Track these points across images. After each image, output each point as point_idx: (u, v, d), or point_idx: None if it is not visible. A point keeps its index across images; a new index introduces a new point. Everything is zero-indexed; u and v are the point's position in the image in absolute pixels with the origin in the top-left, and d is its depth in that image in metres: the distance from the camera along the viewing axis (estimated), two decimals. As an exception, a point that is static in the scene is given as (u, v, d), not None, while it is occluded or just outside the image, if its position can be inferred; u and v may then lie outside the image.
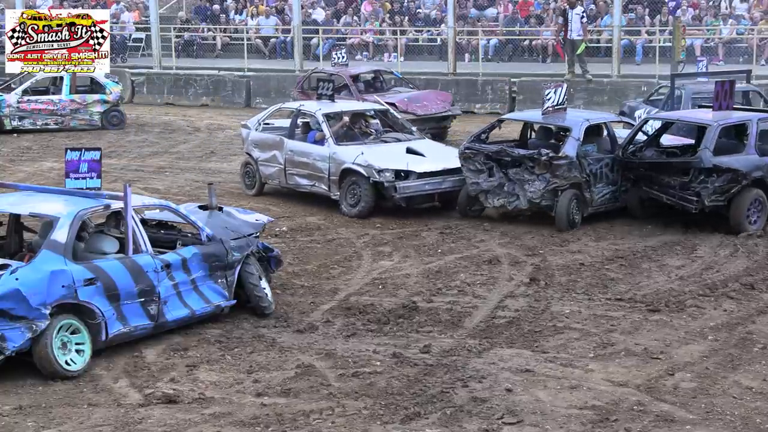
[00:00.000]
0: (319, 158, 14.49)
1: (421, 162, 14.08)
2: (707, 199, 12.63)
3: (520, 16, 28.10)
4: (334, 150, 14.34)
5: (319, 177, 14.50)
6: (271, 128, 15.87)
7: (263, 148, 15.45)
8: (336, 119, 14.97)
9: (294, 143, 14.99)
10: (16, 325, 8.24)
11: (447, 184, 14.04)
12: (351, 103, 16.83)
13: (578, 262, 11.76)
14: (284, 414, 7.76)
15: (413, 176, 13.83)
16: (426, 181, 13.93)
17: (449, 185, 14.04)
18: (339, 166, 14.18)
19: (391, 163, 13.86)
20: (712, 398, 8.00)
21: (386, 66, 24.20)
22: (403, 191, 13.76)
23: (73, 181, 9.45)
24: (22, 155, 19.26)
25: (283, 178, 15.10)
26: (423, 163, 14.05)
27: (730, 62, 24.63)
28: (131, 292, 8.97)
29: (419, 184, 13.87)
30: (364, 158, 13.97)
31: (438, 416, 7.69)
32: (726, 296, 10.52)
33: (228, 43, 30.04)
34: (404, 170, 13.80)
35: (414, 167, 13.87)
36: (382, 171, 13.76)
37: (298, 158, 14.81)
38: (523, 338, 9.40)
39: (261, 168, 15.41)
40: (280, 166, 15.08)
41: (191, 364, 8.82)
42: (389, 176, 13.73)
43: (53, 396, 8.17)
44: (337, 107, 15.48)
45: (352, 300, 10.55)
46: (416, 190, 13.87)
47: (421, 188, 13.90)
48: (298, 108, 15.55)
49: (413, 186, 13.83)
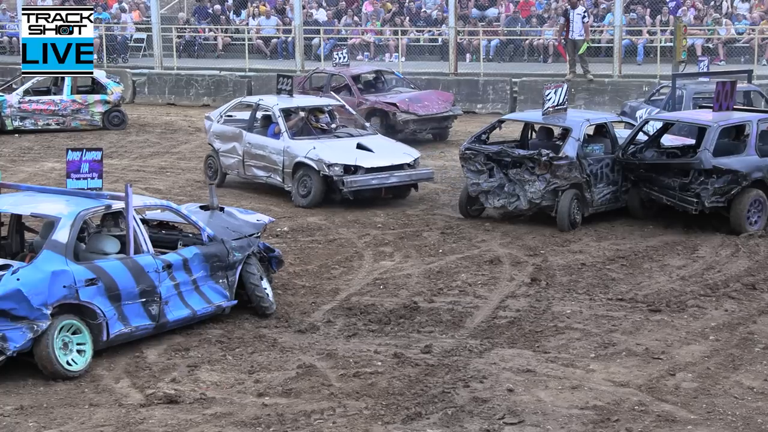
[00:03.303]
0: (274, 151, 15.15)
1: (370, 157, 14.73)
2: (707, 201, 12.62)
3: (521, 16, 28.09)
4: (288, 144, 14.98)
5: (274, 169, 15.17)
6: (232, 121, 16.44)
7: (224, 139, 16.07)
8: (293, 114, 15.62)
9: (252, 136, 15.61)
10: (18, 326, 8.24)
11: (394, 179, 14.71)
12: (308, 99, 17.37)
13: (579, 262, 11.76)
14: (285, 414, 7.76)
15: (361, 171, 14.51)
16: (373, 176, 14.57)
17: (396, 180, 14.73)
18: (292, 159, 14.84)
19: (341, 158, 14.54)
20: (713, 398, 8.00)
21: (387, 66, 24.18)
22: (351, 185, 14.40)
23: (74, 182, 9.45)
24: (23, 155, 19.26)
25: (241, 169, 15.72)
26: (371, 159, 14.70)
27: (732, 62, 24.62)
28: (132, 293, 8.97)
29: (366, 179, 14.53)
30: (315, 152, 14.62)
31: (439, 416, 7.69)
32: (727, 296, 10.52)
33: (229, 43, 30.03)
34: (353, 165, 14.48)
35: (362, 162, 14.57)
36: (332, 165, 14.42)
37: (256, 150, 15.44)
38: (524, 338, 9.40)
39: (222, 159, 16.04)
40: (239, 157, 15.72)
41: (192, 364, 8.82)
42: (338, 170, 14.41)
43: (54, 396, 8.17)
44: (294, 102, 16.05)
45: (354, 300, 10.55)
46: (363, 184, 14.52)
47: (368, 182, 14.56)
48: (257, 102, 16.19)
49: (361, 180, 14.49)
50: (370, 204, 14.88)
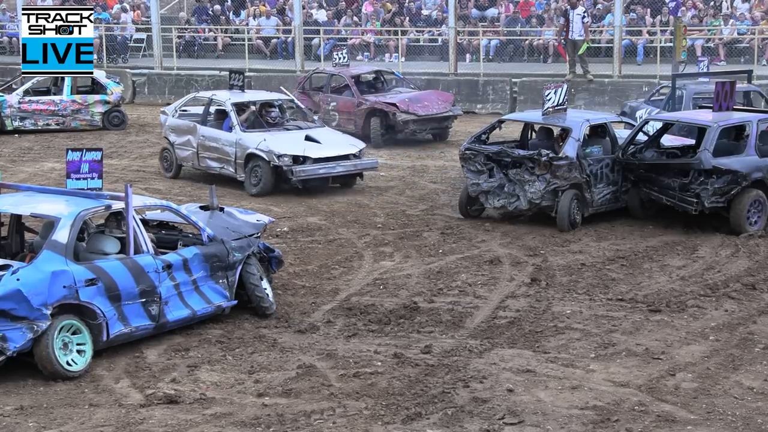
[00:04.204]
0: (227, 143, 15.94)
1: (317, 148, 15.59)
2: (707, 201, 12.62)
3: (521, 16, 28.07)
4: (240, 136, 15.80)
5: (227, 160, 15.96)
6: (186, 115, 17.22)
7: (179, 132, 16.83)
8: (245, 108, 16.33)
9: (206, 129, 16.40)
10: (18, 326, 8.24)
11: (340, 168, 15.60)
12: (259, 94, 18.37)
13: (579, 263, 11.75)
14: (285, 414, 7.76)
15: (309, 161, 15.35)
16: (321, 166, 15.41)
17: (342, 170, 15.63)
18: (244, 150, 15.65)
19: (290, 149, 15.37)
20: (713, 398, 8.00)
21: (387, 66, 24.16)
22: (300, 174, 15.23)
23: (74, 182, 9.44)
24: (23, 156, 19.24)
25: (196, 160, 16.51)
26: (318, 150, 15.57)
27: (732, 62, 24.60)
28: (132, 293, 8.97)
29: (314, 168, 15.37)
30: (266, 144, 15.43)
31: (439, 416, 7.69)
32: (727, 296, 10.52)
33: (229, 43, 30.00)
34: (301, 156, 15.30)
35: (310, 153, 15.42)
36: (281, 156, 15.25)
37: (209, 143, 16.23)
38: (524, 338, 9.39)
39: (177, 151, 16.81)
40: (193, 149, 16.50)
41: (192, 364, 8.82)
42: (287, 161, 15.24)
43: (54, 396, 8.17)
44: (246, 97, 16.86)
45: (353, 300, 10.54)
46: (311, 173, 15.37)
47: (316, 172, 15.40)
48: (210, 97, 16.95)
49: (309, 170, 15.32)
50: (369, 204, 14.89)
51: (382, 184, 16.32)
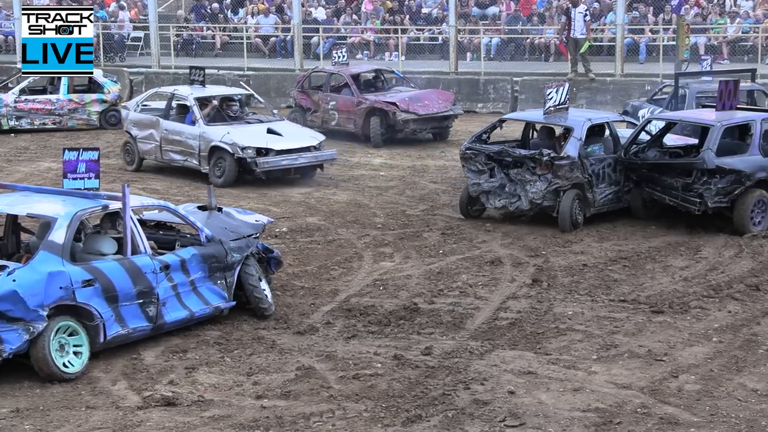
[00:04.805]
0: (191, 137, 16.50)
1: (279, 141, 16.17)
2: (710, 201, 12.56)
3: (522, 14, 28.02)
4: (204, 129, 16.37)
5: (190, 153, 16.52)
6: (148, 109, 17.69)
7: (141, 127, 17.36)
8: (206, 102, 16.88)
9: (169, 123, 16.94)
10: (13, 327, 8.20)
11: (302, 160, 16.23)
12: (219, 88, 18.99)
13: (581, 263, 11.70)
14: (284, 417, 7.72)
15: (272, 153, 15.94)
16: (283, 158, 16.03)
17: (304, 161, 16.26)
18: (208, 143, 16.22)
19: (253, 142, 15.97)
20: (716, 401, 7.96)
21: (387, 65, 24.10)
22: (263, 166, 15.83)
23: (70, 182, 9.44)
24: (19, 155, 19.19)
25: (159, 154, 17.07)
26: (281, 142, 16.15)
27: (735, 61, 24.52)
28: (129, 294, 8.93)
29: (277, 160, 15.98)
30: (230, 137, 16.01)
31: (440, 419, 7.65)
32: (731, 297, 10.47)
33: (227, 42, 29.95)
34: (264, 148, 15.89)
35: (273, 145, 16.01)
36: (245, 148, 15.85)
37: (173, 136, 16.80)
38: (525, 340, 9.35)
39: (139, 145, 17.32)
40: (156, 143, 17.04)
41: (190, 366, 8.78)
42: (251, 153, 15.83)
43: (51, 399, 8.13)
44: (207, 92, 17.42)
45: (353, 301, 10.50)
46: (274, 165, 15.97)
47: (279, 163, 16.01)
48: (172, 92, 17.52)
49: (272, 161, 15.92)
50: (369, 204, 14.84)
51: (382, 184, 16.28)
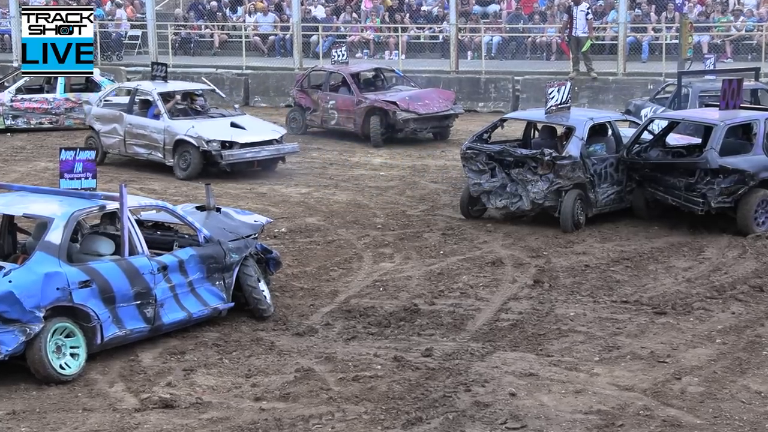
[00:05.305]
0: (155, 131, 16.93)
1: (243, 134, 16.65)
2: (713, 201, 12.51)
3: (523, 12, 27.97)
4: (168, 123, 16.80)
5: (155, 147, 16.93)
6: (110, 105, 18.24)
7: (104, 121, 17.78)
8: (169, 98, 17.37)
9: (133, 117, 17.35)
10: (10, 329, 8.17)
11: (265, 152, 16.68)
12: (182, 84, 19.41)
13: (583, 264, 11.65)
14: (283, 419, 7.70)
15: (236, 146, 16.41)
16: (247, 150, 16.48)
17: (267, 154, 16.72)
18: (173, 137, 16.64)
19: (218, 135, 16.43)
20: (719, 403, 7.93)
21: (387, 64, 24.03)
22: (228, 158, 16.30)
23: (67, 182, 9.42)
24: (15, 155, 19.14)
25: (123, 147, 17.49)
26: (244, 135, 16.63)
27: (738, 59, 24.46)
28: (127, 295, 8.89)
29: (241, 153, 16.42)
30: (194, 131, 16.45)
31: (440, 421, 7.62)
32: (734, 298, 10.43)
33: (226, 40, 29.90)
34: (229, 141, 16.36)
35: (237, 138, 16.49)
36: (210, 141, 16.28)
37: (137, 130, 17.21)
38: (526, 341, 9.31)
39: (102, 139, 17.69)
40: (120, 137, 17.47)
41: (188, 367, 8.75)
42: (216, 146, 16.29)
43: (47, 401, 8.10)
44: (170, 87, 17.90)
45: (353, 302, 10.46)
46: (239, 157, 16.42)
47: (243, 156, 16.44)
48: (135, 87, 18.01)
49: (236, 154, 16.37)
50: (369, 204, 14.79)
51: (382, 184, 16.23)
